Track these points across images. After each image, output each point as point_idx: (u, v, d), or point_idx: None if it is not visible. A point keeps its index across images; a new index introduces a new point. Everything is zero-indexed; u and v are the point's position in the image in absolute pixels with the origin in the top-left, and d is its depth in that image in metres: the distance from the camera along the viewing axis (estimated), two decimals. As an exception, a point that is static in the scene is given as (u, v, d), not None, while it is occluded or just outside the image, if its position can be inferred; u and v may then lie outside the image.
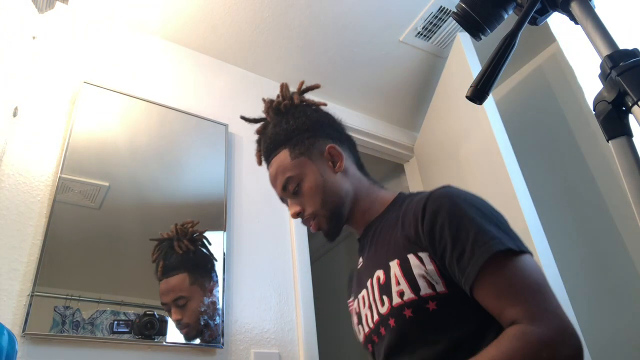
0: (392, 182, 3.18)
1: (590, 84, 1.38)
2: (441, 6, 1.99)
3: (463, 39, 1.98)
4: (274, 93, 1.08)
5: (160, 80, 1.90)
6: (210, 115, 1.92)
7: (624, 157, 0.48)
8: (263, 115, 1.10)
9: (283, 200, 1.04)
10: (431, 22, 2.06)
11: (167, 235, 1.56)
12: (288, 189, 0.99)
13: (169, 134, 1.78)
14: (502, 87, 2.53)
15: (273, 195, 1.06)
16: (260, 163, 1.09)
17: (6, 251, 1.30)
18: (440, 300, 0.77)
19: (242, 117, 1.15)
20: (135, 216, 1.56)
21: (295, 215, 0.99)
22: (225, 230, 1.70)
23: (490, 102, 1.79)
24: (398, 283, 0.81)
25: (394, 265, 0.83)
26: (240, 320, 1.59)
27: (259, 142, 1.09)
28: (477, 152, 1.88)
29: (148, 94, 1.81)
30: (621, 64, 0.48)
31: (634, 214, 0.46)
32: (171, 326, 1.44)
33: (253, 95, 2.13)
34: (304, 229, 1.88)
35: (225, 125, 1.91)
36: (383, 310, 0.84)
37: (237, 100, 2.07)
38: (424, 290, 0.78)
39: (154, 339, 1.39)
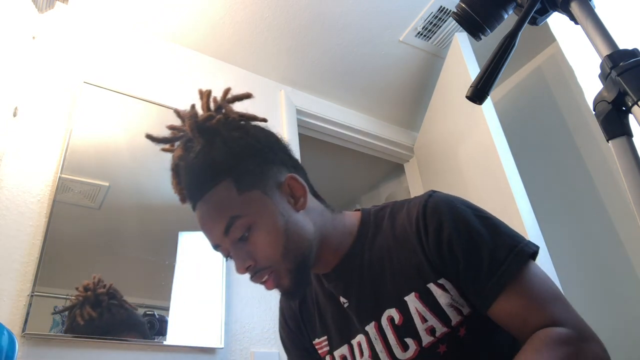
0: (392, 182, 3.18)
1: (590, 84, 1.38)
2: (441, 6, 1.99)
3: (461, 39, 1.99)
4: (274, 93, 1.02)
5: (160, 80, 1.90)
6: (210, 115, 1.92)
7: (624, 157, 0.48)
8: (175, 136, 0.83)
9: (218, 248, 0.75)
10: (431, 22, 2.06)
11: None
12: (231, 234, 0.71)
13: (168, 134, 1.77)
14: (502, 87, 2.53)
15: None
16: (183, 200, 0.78)
17: (6, 251, 1.30)
18: (467, 322, 0.71)
19: (148, 136, 0.84)
20: (135, 216, 1.56)
21: (244, 271, 0.72)
22: (225, 230, 1.70)
23: (488, 102, 1.79)
24: (424, 320, 0.71)
25: (413, 300, 0.72)
26: (240, 320, 1.60)
27: (175, 170, 0.79)
28: (475, 153, 1.88)
29: (148, 94, 1.81)
30: (621, 64, 0.48)
31: (633, 214, 0.46)
32: (171, 326, 1.44)
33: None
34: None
35: (225, 125, 1.91)
36: (407, 355, 0.72)
37: (237, 100, 2.07)
38: (454, 319, 0.70)
39: (154, 339, 1.39)
